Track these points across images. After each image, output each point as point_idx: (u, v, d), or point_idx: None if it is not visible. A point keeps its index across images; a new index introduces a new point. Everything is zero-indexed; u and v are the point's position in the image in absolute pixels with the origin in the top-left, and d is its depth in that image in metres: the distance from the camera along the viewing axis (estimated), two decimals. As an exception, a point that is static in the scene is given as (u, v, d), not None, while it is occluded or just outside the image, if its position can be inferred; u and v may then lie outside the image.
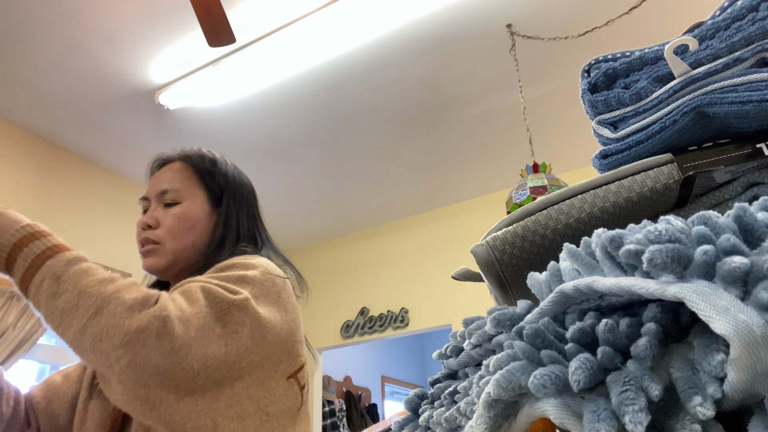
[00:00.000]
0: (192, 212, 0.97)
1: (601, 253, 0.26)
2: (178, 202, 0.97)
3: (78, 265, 0.67)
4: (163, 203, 0.97)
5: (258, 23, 2.54)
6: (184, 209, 0.97)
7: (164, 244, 0.92)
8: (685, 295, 0.21)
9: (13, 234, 0.69)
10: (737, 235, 0.23)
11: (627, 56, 0.47)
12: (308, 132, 3.33)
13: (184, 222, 0.95)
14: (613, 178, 0.39)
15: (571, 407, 0.23)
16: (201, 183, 1.00)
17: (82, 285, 0.64)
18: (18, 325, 2.90)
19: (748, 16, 0.40)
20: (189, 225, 0.96)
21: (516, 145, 3.46)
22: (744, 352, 0.19)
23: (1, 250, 0.69)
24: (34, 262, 0.67)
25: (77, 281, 0.65)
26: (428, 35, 2.68)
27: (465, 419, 0.30)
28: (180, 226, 0.95)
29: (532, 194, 2.13)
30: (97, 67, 2.78)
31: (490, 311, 0.31)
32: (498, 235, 0.39)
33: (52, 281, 0.65)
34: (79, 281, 0.65)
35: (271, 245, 1.00)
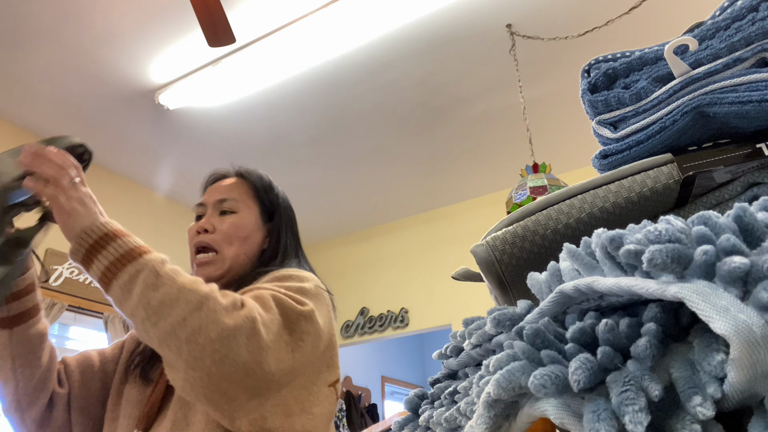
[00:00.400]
0: (247, 223, 1.02)
1: (601, 253, 0.26)
2: (234, 212, 1.01)
3: (171, 265, 0.72)
4: (219, 211, 1.01)
5: (258, 23, 2.54)
6: (240, 218, 1.01)
7: (221, 251, 0.96)
8: (685, 295, 0.21)
9: (103, 225, 0.74)
10: (737, 235, 0.23)
11: (627, 56, 0.47)
12: (308, 132, 3.33)
13: (240, 230, 1.00)
14: (613, 178, 0.39)
15: (571, 407, 0.23)
16: (256, 198, 1.06)
17: (180, 282, 0.69)
18: (18, 325, 2.90)
19: (748, 16, 0.40)
20: (244, 234, 1.01)
21: (516, 145, 3.46)
22: (744, 352, 0.19)
23: (90, 233, 0.72)
24: (128, 253, 0.71)
25: (174, 278, 0.70)
26: (428, 35, 2.69)
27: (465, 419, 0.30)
28: (236, 233, 0.99)
29: (532, 194, 2.13)
30: (97, 67, 2.78)
31: (490, 311, 0.31)
32: (498, 235, 0.39)
33: (151, 274, 0.69)
34: (176, 278, 0.70)
35: (307, 263, 1.06)
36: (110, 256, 0.71)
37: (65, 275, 3.29)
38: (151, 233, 3.86)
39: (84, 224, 0.74)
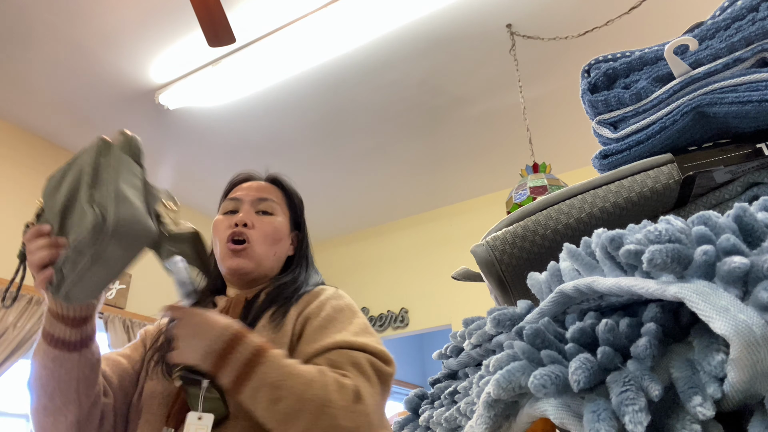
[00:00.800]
0: (282, 227, 1.04)
1: (601, 253, 0.26)
2: (272, 214, 1.03)
3: (282, 366, 0.75)
4: (257, 209, 1.03)
5: (258, 23, 2.54)
6: (278, 222, 1.03)
7: (255, 248, 0.98)
8: (685, 295, 0.21)
9: (217, 338, 0.76)
10: (737, 235, 0.23)
11: (627, 56, 0.47)
12: (308, 132, 3.33)
13: (276, 233, 1.02)
14: (613, 178, 0.39)
15: (571, 407, 0.23)
16: (288, 206, 1.09)
17: (298, 390, 0.72)
18: (18, 325, 2.90)
19: (748, 16, 0.40)
20: (278, 237, 1.03)
21: (516, 145, 3.46)
22: (744, 352, 0.19)
23: (209, 353, 0.75)
24: (244, 369, 0.74)
25: (292, 386, 0.73)
26: (428, 35, 2.69)
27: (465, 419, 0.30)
28: (273, 235, 1.01)
29: (532, 194, 2.13)
30: (97, 67, 2.78)
31: (490, 311, 0.31)
32: (498, 235, 0.39)
33: (270, 389, 0.72)
34: (294, 385, 0.73)
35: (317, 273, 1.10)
36: (231, 375, 0.74)
37: (65, 275, 3.29)
38: (151, 233, 3.86)
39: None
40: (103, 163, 0.75)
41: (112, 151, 0.76)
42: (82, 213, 0.71)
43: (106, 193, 0.71)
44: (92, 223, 0.68)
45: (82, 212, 0.71)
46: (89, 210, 0.69)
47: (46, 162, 3.38)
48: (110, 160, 0.75)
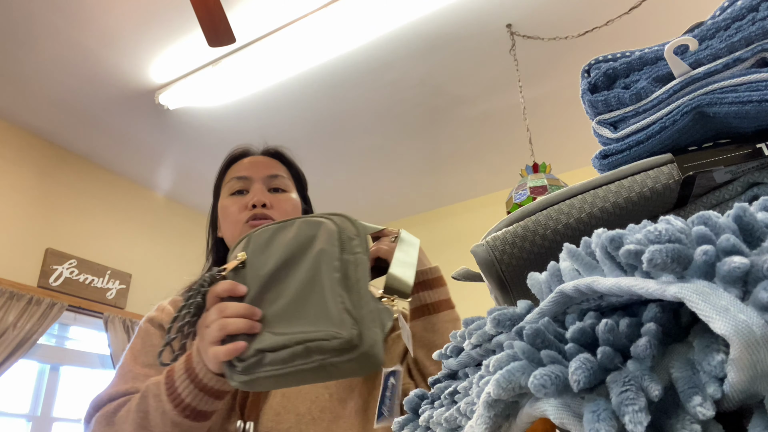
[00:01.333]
0: (298, 204, 0.97)
1: (601, 253, 0.26)
2: (285, 191, 0.96)
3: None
4: (270, 187, 0.94)
5: (258, 23, 2.54)
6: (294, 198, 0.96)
7: None
8: (685, 295, 0.21)
9: None
10: (737, 235, 0.23)
11: (627, 56, 0.47)
12: (308, 132, 3.33)
13: (296, 210, 0.95)
14: (613, 178, 0.39)
15: (571, 407, 0.23)
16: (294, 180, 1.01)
17: None
18: (18, 325, 2.90)
19: (748, 16, 0.40)
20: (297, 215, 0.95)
21: (516, 145, 3.46)
22: (744, 352, 0.19)
23: None
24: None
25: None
26: (428, 35, 2.68)
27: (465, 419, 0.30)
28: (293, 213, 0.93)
29: (532, 194, 2.13)
30: (97, 67, 2.78)
31: (490, 311, 0.31)
32: (498, 235, 0.39)
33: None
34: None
35: None
36: None
37: (65, 275, 3.29)
38: (151, 233, 3.86)
39: None
40: (350, 260, 0.66)
41: (354, 245, 0.67)
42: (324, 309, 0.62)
43: (360, 305, 0.62)
44: (348, 337, 0.58)
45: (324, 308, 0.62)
46: (346, 318, 0.60)
47: (46, 162, 3.37)
48: (357, 258, 0.66)
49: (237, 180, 0.94)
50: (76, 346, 3.45)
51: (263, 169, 0.96)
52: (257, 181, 0.94)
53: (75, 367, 3.41)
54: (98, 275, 3.45)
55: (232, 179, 0.95)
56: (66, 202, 3.43)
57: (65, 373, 3.37)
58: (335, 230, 0.66)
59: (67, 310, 3.25)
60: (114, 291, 3.50)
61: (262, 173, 0.95)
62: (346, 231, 0.67)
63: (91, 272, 3.41)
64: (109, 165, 3.64)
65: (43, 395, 3.19)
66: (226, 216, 0.93)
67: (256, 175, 0.94)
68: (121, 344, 3.35)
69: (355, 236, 0.67)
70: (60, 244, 3.31)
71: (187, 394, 0.68)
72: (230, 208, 0.92)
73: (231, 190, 0.95)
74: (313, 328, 0.60)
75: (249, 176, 0.94)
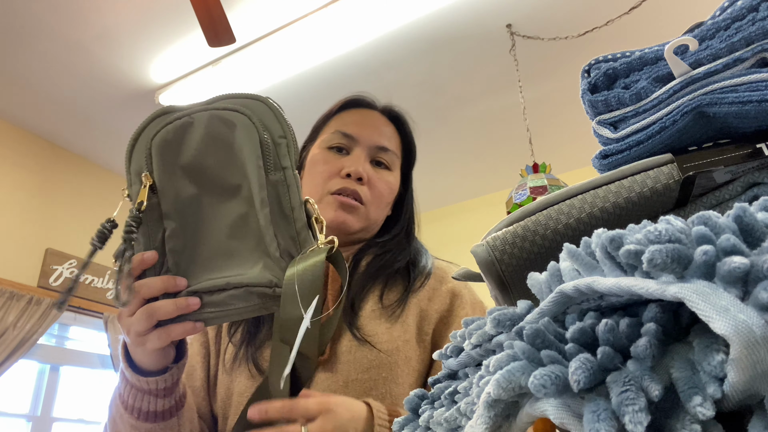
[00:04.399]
0: (396, 186, 0.86)
1: (601, 253, 0.26)
2: (389, 169, 0.85)
3: None
4: (373, 159, 0.83)
5: (258, 23, 2.54)
6: (394, 179, 0.85)
7: (368, 209, 0.80)
8: (685, 295, 0.21)
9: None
10: (737, 235, 0.23)
11: (627, 56, 0.47)
12: (307, 132, 3.33)
13: (391, 194, 0.85)
14: (613, 179, 0.39)
15: (571, 407, 0.23)
16: (403, 154, 0.89)
17: None
18: (18, 325, 2.90)
19: (748, 16, 0.40)
20: (391, 199, 0.85)
21: (516, 145, 3.46)
22: (744, 352, 0.19)
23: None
24: None
25: None
26: (428, 35, 2.68)
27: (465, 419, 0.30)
28: (388, 197, 0.84)
29: (532, 194, 2.13)
30: (97, 67, 2.78)
31: (490, 311, 0.31)
32: (498, 235, 0.39)
33: None
34: None
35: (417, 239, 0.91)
36: None
37: (65, 275, 3.29)
38: (151, 233, 3.85)
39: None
40: (279, 181, 0.57)
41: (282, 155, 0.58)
42: (261, 247, 0.56)
43: (297, 244, 0.56)
44: (289, 292, 0.52)
45: (261, 246, 0.56)
46: (284, 263, 0.54)
47: (46, 162, 3.37)
48: (287, 176, 0.57)
49: (342, 135, 0.84)
50: (76, 346, 3.45)
51: (375, 134, 0.84)
52: (362, 147, 0.83)
53: (75, 367, 3.41)
54: (98, 275, 3.45)
55: (337, 132, 0.84)
56: (66, 202, 3.43)
57: (65, 373, 3.37)
58: (255, 134, 0.57)
59: (67, 310, 3.25)
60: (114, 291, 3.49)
61: (371, 140, 0.83)
62: (269, 130, 0.58)
63: (91, 272, 3.41)
64: (109, 165, 3.63)
65: (43, 395, 3.19)
66: (313, 172, 0.83)
67: (365, 139, 0.83)
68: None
69: (282, 138, 0.58)
70: (60, 244, 3.31)
71: (127, 395, 0.62)
72: (321, 165, 0.82)
73: (330, 142, 0.84)
74: (251, 270, 0.55)
75: (356, 137, 0.83)
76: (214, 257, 0.57)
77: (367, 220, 0.81)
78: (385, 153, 0.85)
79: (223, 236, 0.57)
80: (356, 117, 0.87)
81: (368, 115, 0.87)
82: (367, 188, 0.81)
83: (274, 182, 0.56)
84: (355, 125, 0.85)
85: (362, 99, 0.92)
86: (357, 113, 0.88)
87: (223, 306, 0.55)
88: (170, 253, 0.57)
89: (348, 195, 0.79)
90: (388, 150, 0.85)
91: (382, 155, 0.85)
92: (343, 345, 0.72)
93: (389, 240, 0.85)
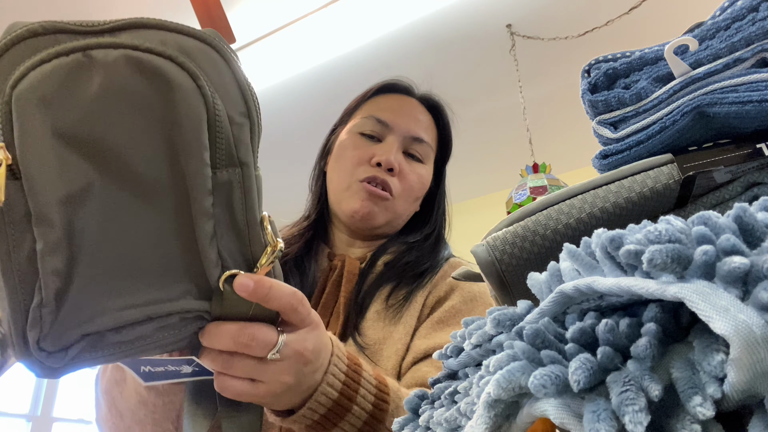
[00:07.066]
0: (427, 180, 0.82)
1: (601, 253, 0.26)
2: (423, 162, 0.81)
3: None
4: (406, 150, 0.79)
5: (258, 23, 2.54)
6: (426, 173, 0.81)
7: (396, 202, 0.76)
8: (685, 295, 0.21)
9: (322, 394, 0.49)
10: (737, 235, 0.23)
11: (627, 56, 0.47)
12: (307, 132, 3.33)
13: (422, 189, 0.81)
14: (613, 179, 0.39)
15: (571, 407, 0.23)
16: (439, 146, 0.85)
17: None
18: (18, 325, 2.90)
19: (749, 17, 0.40)
20: (421, 194, 0.82)
21: (516, 145, 3.46)
22: (744, 352, 0.19)
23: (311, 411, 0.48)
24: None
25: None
26: (428, 35, 2.69)
27: (465, 419, 0.30)
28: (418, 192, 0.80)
29: (532, 194, 2.13)
30: (97, 67, 2.78)
31: (490, 311, 0.31)
32: (498, 235, 0.39)
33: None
34: None
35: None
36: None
37: (65, 275, 3.29)
38: (151, 233, 3.85)
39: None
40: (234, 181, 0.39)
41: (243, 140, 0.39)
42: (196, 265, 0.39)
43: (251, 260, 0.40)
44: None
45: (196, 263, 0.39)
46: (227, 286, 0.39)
47: (46, 162, 3.37)
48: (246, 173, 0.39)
49: (375, 121, 0.79)
50: (76, 346, 3.44)
51: (411, 123, 0.80)
52: (396, 135, 0.78)
53: (75, 367, 3.40)
54: (98, 275, 3.44)
55: (371, 117, 0.79)
56: (66, 202, 3.42)
57: (65, 373, 3.36)
58: (201, 105, 0.36)
59: (67, 310, 3.24)
60: (114, 291, 3.49)
61: (406, 129, 0.79)
62: (225, 101, 0.38)
63: (91, 272, 3.40)
64: (109, 165, 3.64)
65: (43, 395, 3.19)
66: (342, 157, 0.78)
67: (399, 126, 0.78)
68: (121, 344, 3.34)
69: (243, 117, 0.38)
70: (60, 244, 3.30)
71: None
72: (350, 151, 0.77)
73: (362, 128, 0.80)
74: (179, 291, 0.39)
75: (391, 124, 0.78)
76: (119, 277, 0.37)
77: (393, 213, 0.77)
78: (420, 144, 0.81)
79: (134, 251, 0.38)
80: (392, 103, 0.82)
81: (405, 102, 0.83)
82: (397, 180, 0.77)
83: (223, 183, 0.38)
84: (391, 112, 0.80)
85: (400, 84, 0.87)
86: (393, 99, 0.83)
87: (131, 343, 0.38)
88: (48, 276, 0.35)
89: (377, 184, 0.75)
90: (423, 141, 0.81)
91: (416, 146, 0.80)
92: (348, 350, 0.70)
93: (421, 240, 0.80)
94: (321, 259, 0.78)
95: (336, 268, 0.74)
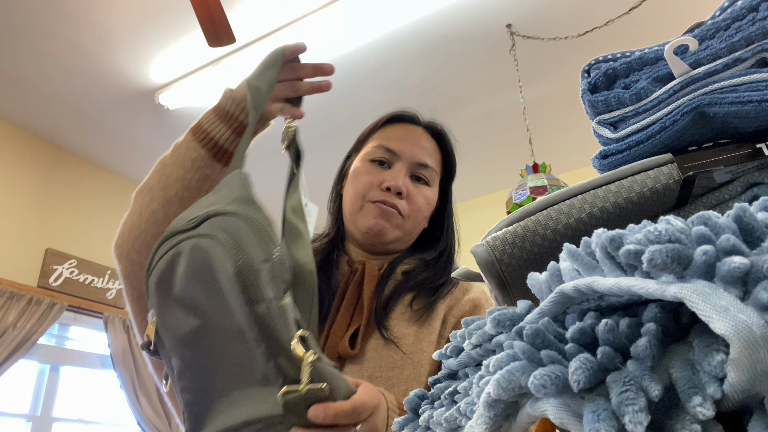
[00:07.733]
0: (434, 201, 0.89)
1: (601, 253, 0.26)
2: (429, 185, 0.88)
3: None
4: (413, 175, 0.87)
5: (258, 23, 2.54)
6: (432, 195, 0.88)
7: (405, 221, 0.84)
8: (685, 295, 0.21)
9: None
10: (737, 235, 0.23)
11: (627, 56, 0.47)
12: (307, 132, 3.33)
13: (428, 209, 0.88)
14: (613, 179, 0.39)
15: (571, 407, 0.23)
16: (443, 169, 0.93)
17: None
18: (18, 325, 2.90)
19: (748, 17, 0.40)
20: (427, 214, 0.88)
21: (516, 145, 3.46)
22: (744, 352, 0.19)
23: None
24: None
25: None
26: (428, 36, 2.68)
27: (465, 419, 0.30)
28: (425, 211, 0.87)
29: (532, 194, 2.13)
30: (97, 67, 2.78)
31: (490, 311, 0.31)
32: (498, 235, 0.39)
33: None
34: None
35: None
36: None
37: (65, 275, 3.29)
38: (151, 233, 3.85)
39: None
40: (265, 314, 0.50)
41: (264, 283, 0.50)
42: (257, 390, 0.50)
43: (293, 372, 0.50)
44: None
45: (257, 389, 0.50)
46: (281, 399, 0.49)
47: (46, 162, 3.37)
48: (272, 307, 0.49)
49: (384, 150, 0.87)
50: (76, 346, 3.45)
51: (417, 150, 0.87)
52: (403, 162, 0.86)
53: (75, 367, 3.41)
54: (98, 275, 3.45)
55: (380, 146, 0.87)
56: (66, 202, 3.43)
57: (65, 373, 3.37)
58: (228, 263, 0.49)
59: (67, 310, 3.25)
60: (114, 291, 3.50)
61: (412, 156, 0.86)
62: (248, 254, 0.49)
63: (91, 272, 3.41)
64: (109, 165, 3.63)
65: (43, 395, 3.19)
66: (356, 182, 0.87)
67: (406, 154, 0.86)
68: (121, 344, 3.35)
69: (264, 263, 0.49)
70: (60, 244, 3.31)
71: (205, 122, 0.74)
72: (363, 176, 0.86)
73: (372, 156, 0.88)
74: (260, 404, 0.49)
75: (398, 152, 0.86)
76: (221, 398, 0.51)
77: (403, 231, 0.85)
78: (425, 169, 0.88)
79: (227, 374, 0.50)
80: (399, 132, 0.90)
81: (411, 131, 0.90)
82: (405, 202, 0.84)
83: (261, 316, 0.48)
84: (398, 140, 0.88)
85: (406, 114, 0.94)
86: (400, 128, 0.91)
87: None
88: (181, 393, 0.53)
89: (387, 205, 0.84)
90: (428, 166, 0.88)
91: (422, 171, 0.88)
92: (372, 343, 0.76)
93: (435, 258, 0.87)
94: (341, 265, 0.87)
95: (357, 271, 0.83)
